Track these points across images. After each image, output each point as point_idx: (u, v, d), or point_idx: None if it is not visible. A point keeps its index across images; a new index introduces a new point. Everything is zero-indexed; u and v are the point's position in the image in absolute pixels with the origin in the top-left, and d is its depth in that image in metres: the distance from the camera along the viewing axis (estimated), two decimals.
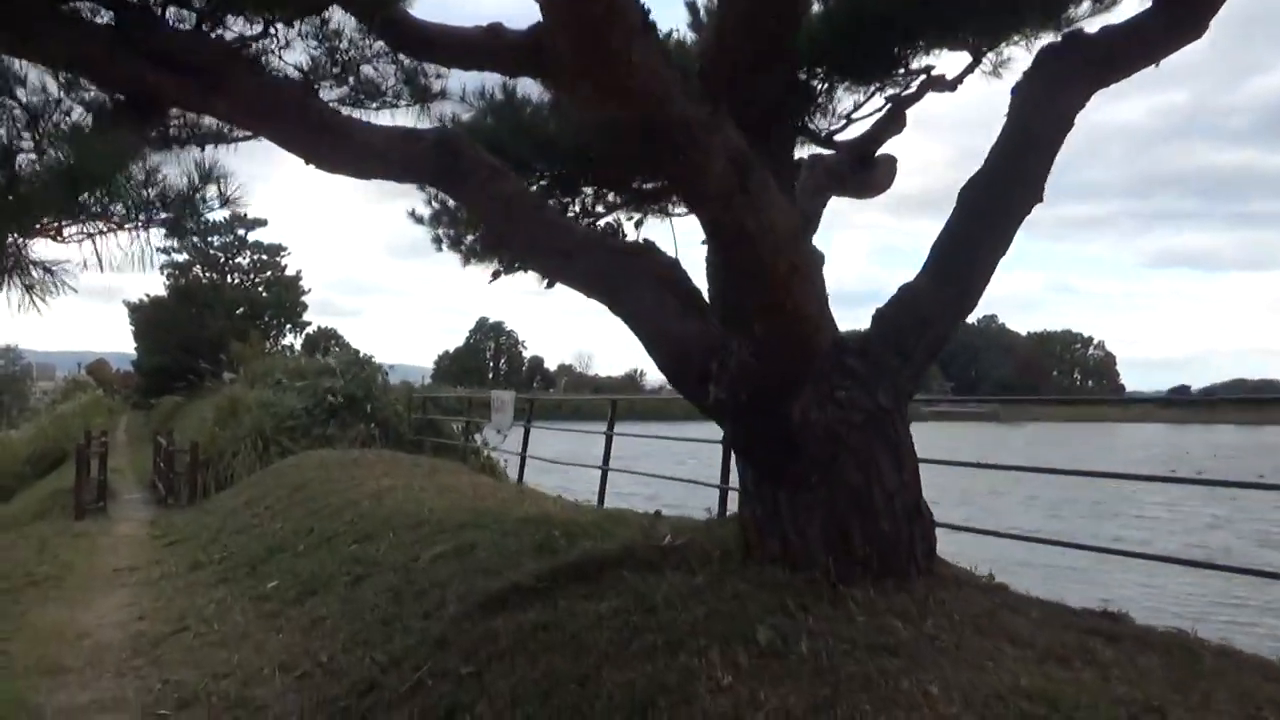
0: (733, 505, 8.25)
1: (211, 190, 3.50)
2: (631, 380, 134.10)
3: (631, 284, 4.39)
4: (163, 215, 3.28)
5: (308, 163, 4.15)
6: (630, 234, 7.44)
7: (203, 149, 4.03)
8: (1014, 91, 4.26)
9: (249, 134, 4.52)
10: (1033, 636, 4.07)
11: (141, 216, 3.19)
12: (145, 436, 29.06)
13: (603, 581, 4.95)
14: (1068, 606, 4.62)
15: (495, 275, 7.39)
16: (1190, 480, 9.76)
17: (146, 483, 19.67)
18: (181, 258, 41.05)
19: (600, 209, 6.50)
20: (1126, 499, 29.22)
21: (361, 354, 22.73)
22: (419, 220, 7.27)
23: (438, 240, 7.42)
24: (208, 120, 4.27)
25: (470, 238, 7.28)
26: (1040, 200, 4.28)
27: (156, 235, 3.35)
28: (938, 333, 4.50)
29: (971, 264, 4.34)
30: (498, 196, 4.40)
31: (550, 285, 5.02)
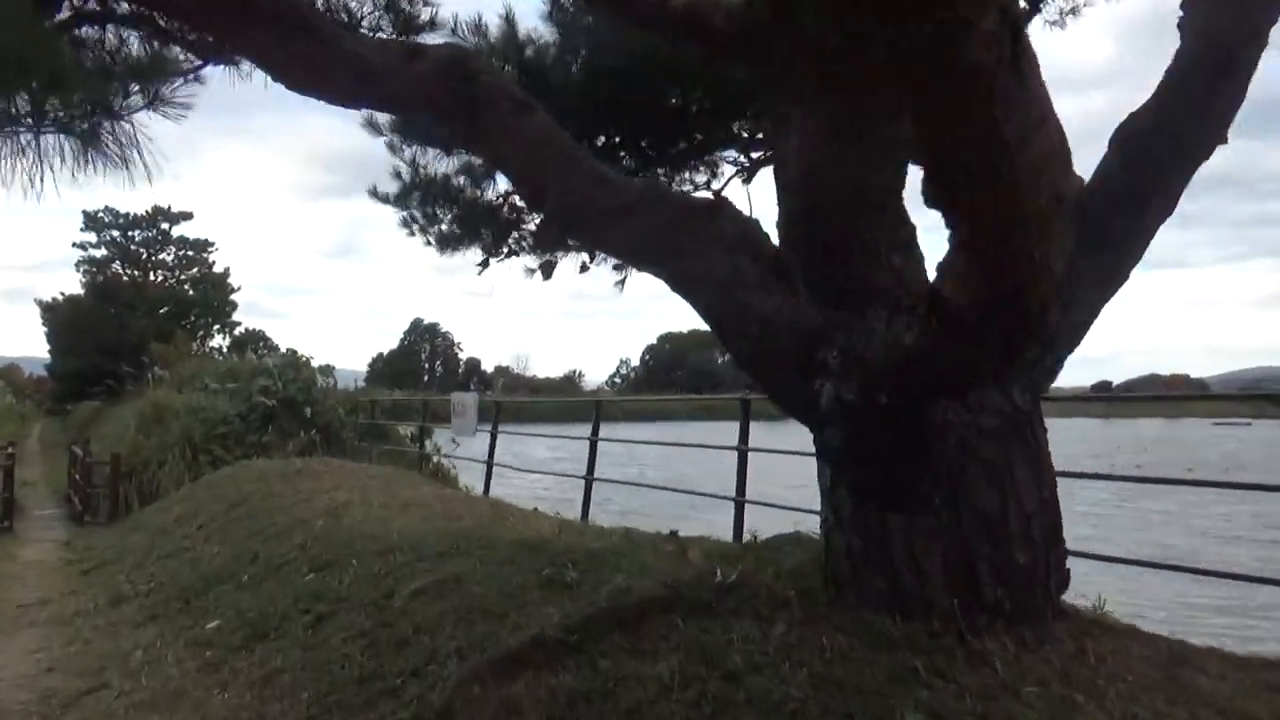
0: (754, 524, 7.35)
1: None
2: (570, 381, 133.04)
3: (698, 248, 3.38)
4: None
5: (279, 78, 3.06)
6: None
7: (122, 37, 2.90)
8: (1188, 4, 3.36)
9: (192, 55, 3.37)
10: (1231, 702, 3.18)
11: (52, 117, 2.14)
12: (61, 445, 27.00)
13: (649, 632, 3.92)
14: (1240, 655, 3.75)
15: (483, 265, 6.35)
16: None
17: (61, 496, 17.95)
18: (100, 253, 38.64)
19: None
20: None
21: (299, 354, 21.21)
22: (384, 199, 6.15)
23: (408, 223, 6.32)
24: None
25: (447, 219, 6.20)
26: (1224, 141, 3.39)
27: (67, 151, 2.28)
28: (1081, 319, 3.58)
29: (1133, 230, 3.42)
30: (524, 136, 3.36)
31: (591, 259, 4.08)
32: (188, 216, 41.45)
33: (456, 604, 5.18)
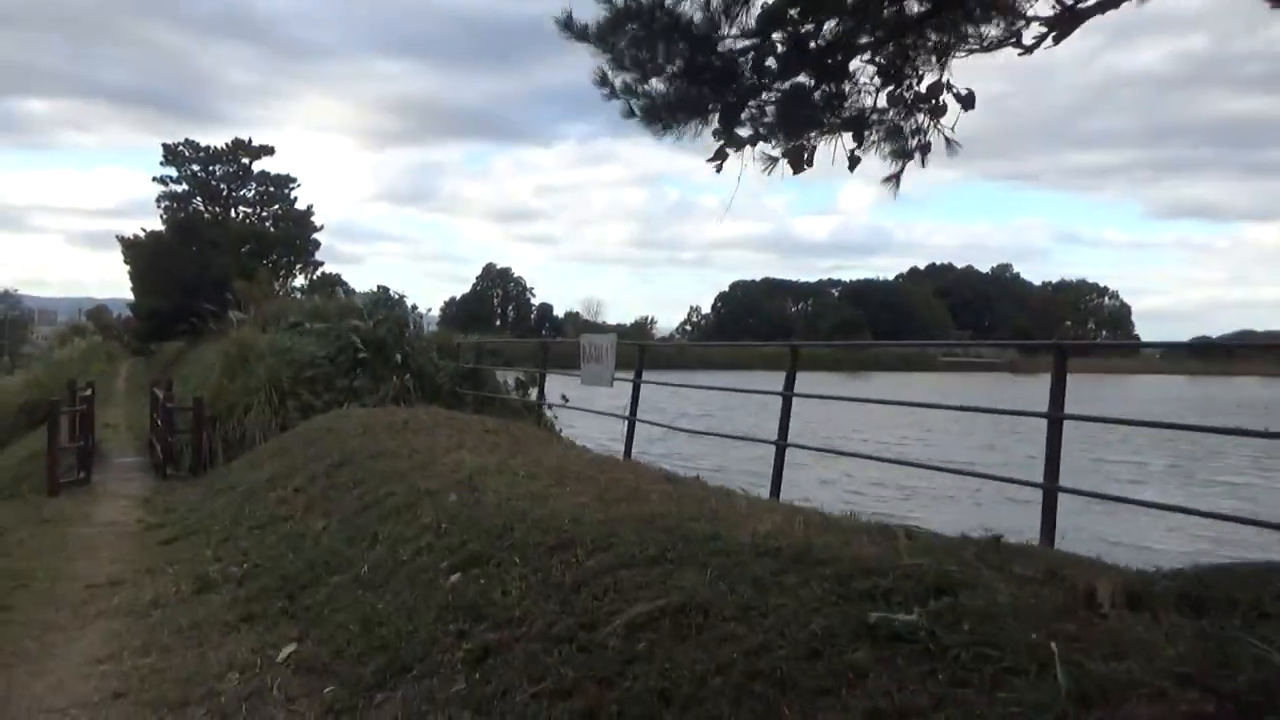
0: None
1: None
2: (641, 329, 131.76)
3: None
4: None
5: None
6: None
7: None
8: None
9: None
10: None
11: None
12: (146, 385, 26.16)
13: None
14: None
15: (720, 156, 4.44)
16: None
17: (143, 441, 16.76)
18: (180, 189, 37.66)
19: None
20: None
21: (391, 291, 19.64)
22: (579, 34, 4.20)
23: (606, 78, 4.39)
24: None
25: (667, 72, 4.25)
26: None
27: None
28: None
29: None
30: None
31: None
32: (269, 151, 40.23)
33: (716, 654, 3.32)
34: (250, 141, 39.38)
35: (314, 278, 41.91)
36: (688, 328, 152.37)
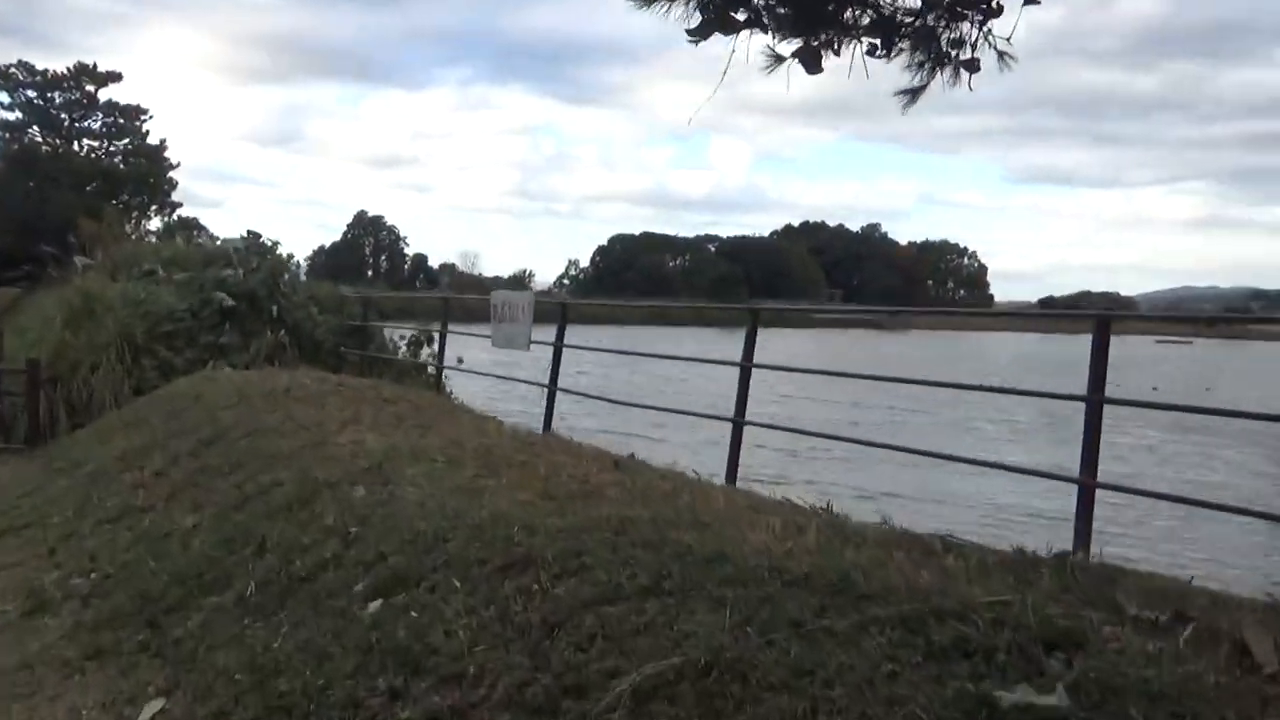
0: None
1: None
2: (519, 282, 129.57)
3: None
4: None
5: None
6: None
7: None
8: None
9: None
10: None
11: None
12: None
13: None
14: None
15: (701, 31, 3.50)
16: None
17: None
18: (13, 116, 33.68)
19: None
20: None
21: (262, 238, 17.81)
22: None
23: None
24: None
25: None
26: None
27: None
28: None
29: None
30: None
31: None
32: (116, 78, 36.32)
33: None
34: (95, 67, 35.49)
35: (170, 220, 38.51)
36: (565, 281, 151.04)
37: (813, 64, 3.61)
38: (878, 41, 3.71)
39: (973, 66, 3.63)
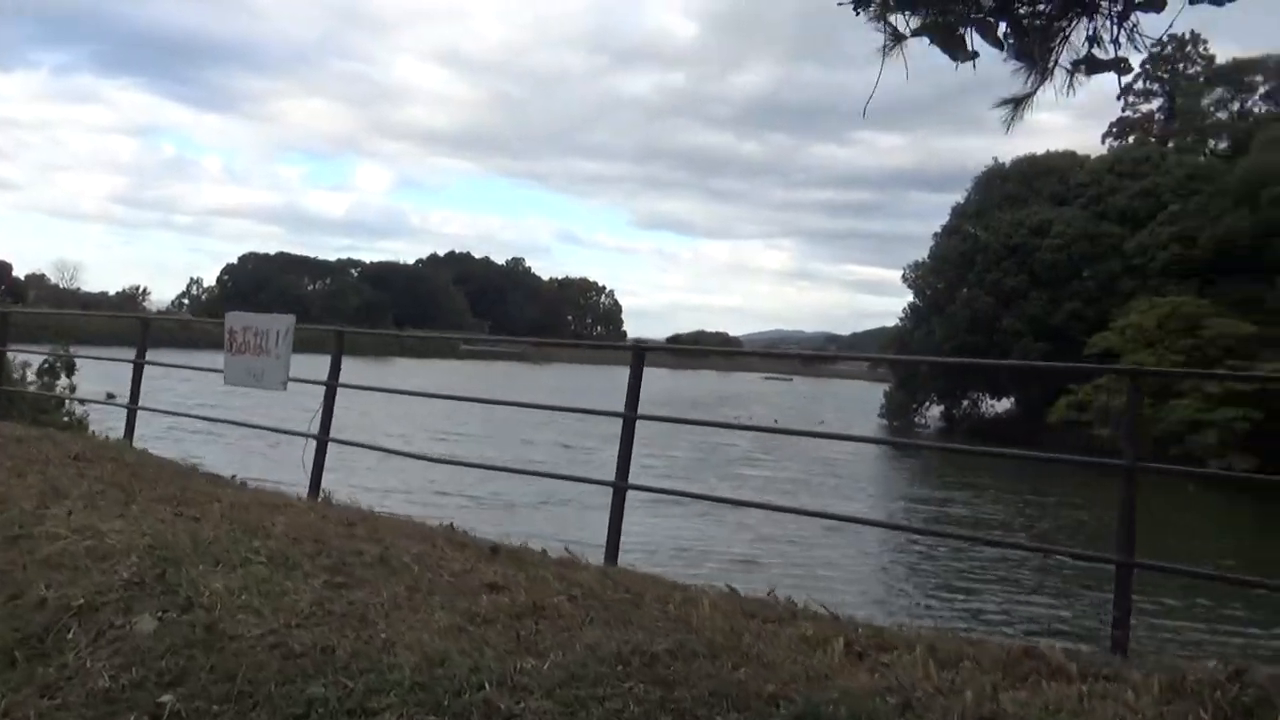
0: None
1: None
2: (131, 300, 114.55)
3: None
4: None
5: None
6: None
7: None
8: None
9: None
10: None
11: None
12: None
13: None
14: None
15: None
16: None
17: None
18: None
19: None
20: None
21: None
22: None
23: None
24: None
25: None
26: None
27: None
28: None
29: None
30: None
31: None
32: None
33: None
34: None
35: None
36: (186, 301, 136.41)
37: (955, 44, 2.68)
38: (1002, 26, 2.87)
39: (1122, 66, 2.90)
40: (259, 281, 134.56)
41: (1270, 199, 39.71)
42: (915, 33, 2.73)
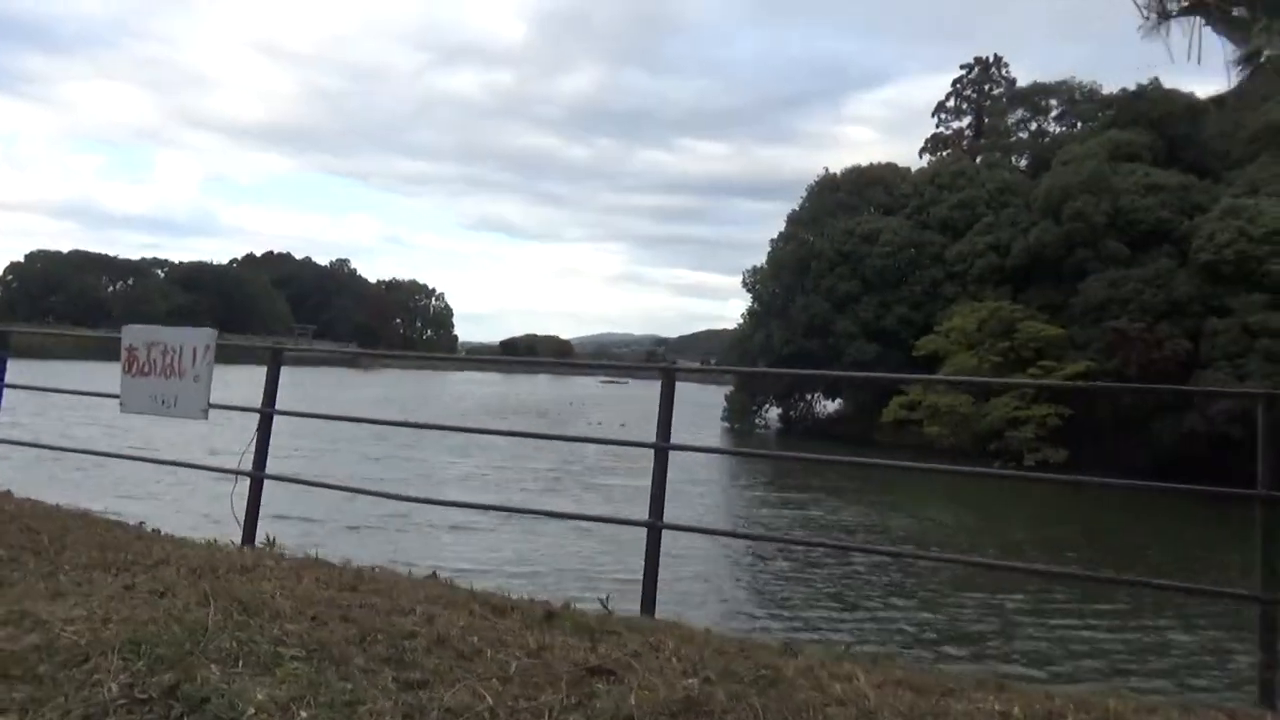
0: None
1: None
2: None
3: None
4: None
5: None
6: None
7: None
8: None
9: None
10: None
11: None
12: None
13: None
14: None
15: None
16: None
17: None
18: None
19: None
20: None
21: None
22: None
23: None
24: None
25: None
26: None
27: None
28: None
29: None
30: None
31: None
32: None
33: None
34: None
35: None
36: None
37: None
38: None
39: None
40: (51, 283, 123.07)
41: (1072, 213, 43.32)
42: (1183, 11, 2.59)
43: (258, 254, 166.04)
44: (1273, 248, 36.41)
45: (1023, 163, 58.09)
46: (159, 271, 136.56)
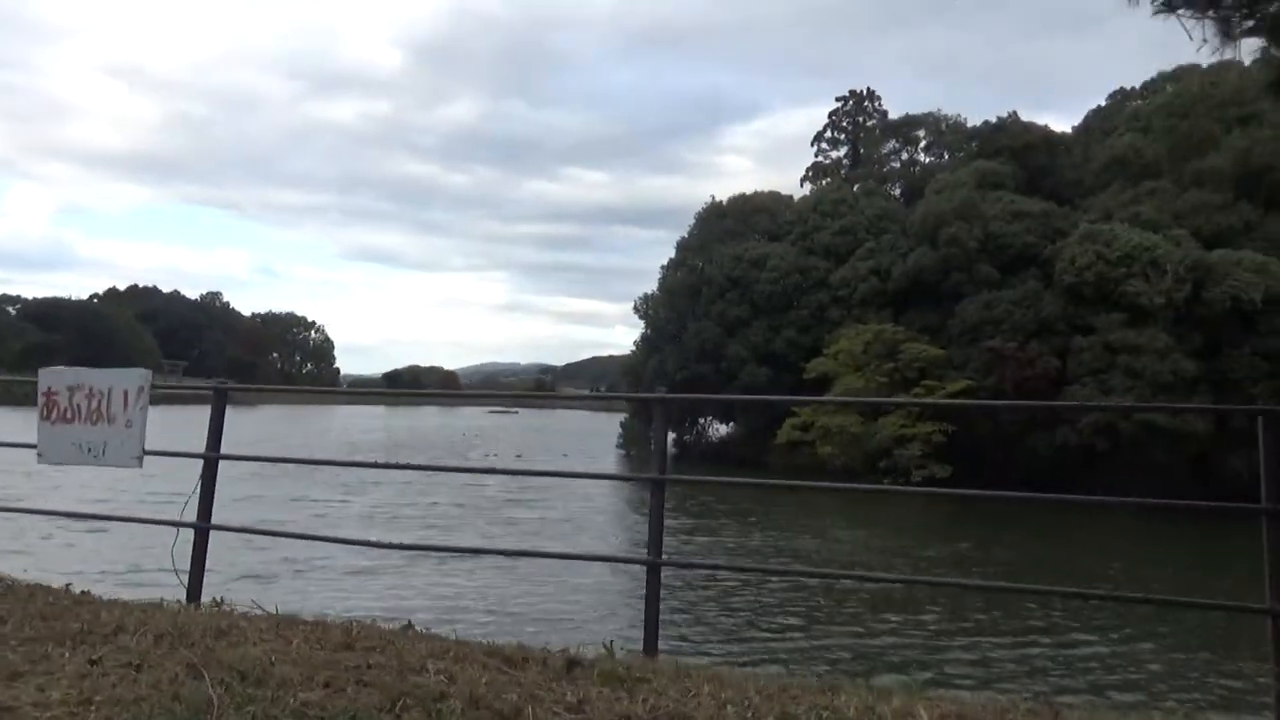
0: None
1: None
2: None
3: None
4: None
5: None
6: None
7: None
8: None
9: None
10: None
11: None
12: None
13: None
14: None
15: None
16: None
17: None
18: None
19: None
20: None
21: None
22: None
23: None
24: None
25: None
26: None
27: None
28: None
29: None
30: None
31: None
32: None
33: None
34: None
35: None
36: None
37: None
38: None
39: None
40: None
41: (946, 238, 45.46)
42: (1246, 33, 2.76)
43: (121, 288, 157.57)
44: (1128, 270, 39.06)
45: (897, 191, 60.76)
46: (10, 309, 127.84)
